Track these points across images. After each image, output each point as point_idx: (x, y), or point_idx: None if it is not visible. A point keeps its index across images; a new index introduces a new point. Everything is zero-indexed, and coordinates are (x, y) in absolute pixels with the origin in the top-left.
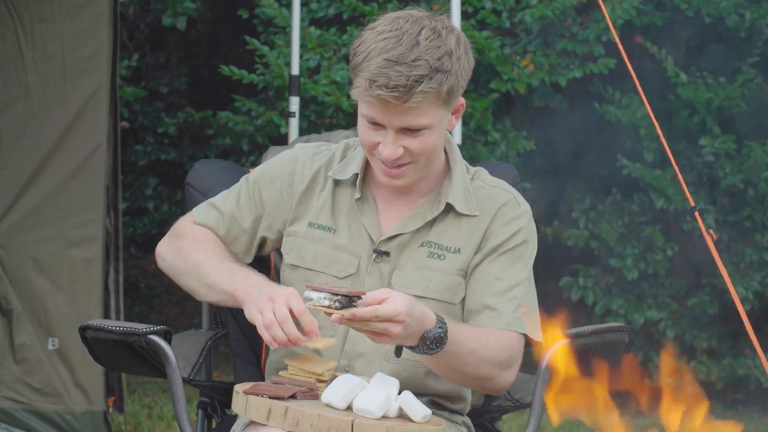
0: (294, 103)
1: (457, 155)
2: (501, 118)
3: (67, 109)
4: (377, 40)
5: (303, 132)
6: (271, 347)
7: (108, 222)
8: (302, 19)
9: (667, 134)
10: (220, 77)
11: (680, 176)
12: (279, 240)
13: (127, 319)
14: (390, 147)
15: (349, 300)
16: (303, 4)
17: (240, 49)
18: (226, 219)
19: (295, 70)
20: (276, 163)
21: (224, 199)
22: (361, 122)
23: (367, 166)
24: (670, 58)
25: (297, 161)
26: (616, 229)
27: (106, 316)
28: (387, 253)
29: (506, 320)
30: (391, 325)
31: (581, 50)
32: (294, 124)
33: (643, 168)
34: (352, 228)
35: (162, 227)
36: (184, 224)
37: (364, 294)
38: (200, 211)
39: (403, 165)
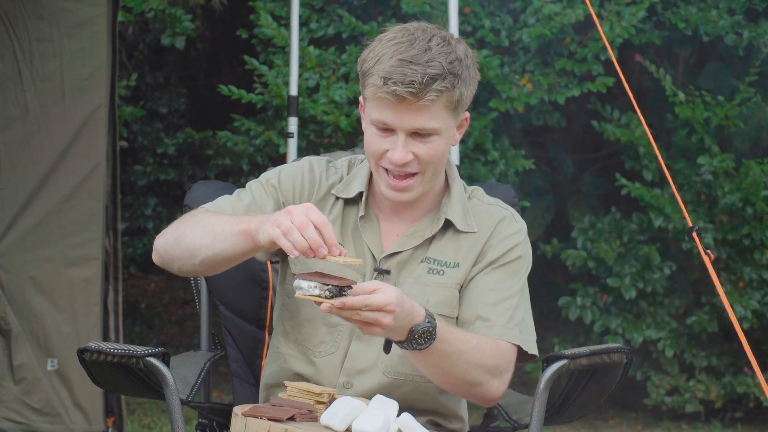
0: (293, 124)
1: (455, 174)
2: (500, 137)
3: (66, 128)
4: (389, 45)
5: (301, 152)
6: (292, 256)
7: (107, 242)
8: (301, 39)
9: (665, 153)
10: (219, 97)
11: (678, 196)
12: None
13: (127, 339)
14: (400, 150)
15: (340, 290)
16: (302, 24)
17: (239, 69)
18: (244, 206)
19: (294, 90)
20: (292, 167)
21: (237, 197)
22: (370, 131)
23: (370, 184)
24: (669, 77)
25: (314, 169)
26: (615, 248)
27: (106, 336)
28: (387, 272)
29: (498, 330)
30: (382, 315)
31: (579, 69)
32: (293, 144)
33: (642, 187)
34: (357, 245)
35: None
36: (191, 213)
37: (355, 283)
38: (211, 205)
39: (410, 176)
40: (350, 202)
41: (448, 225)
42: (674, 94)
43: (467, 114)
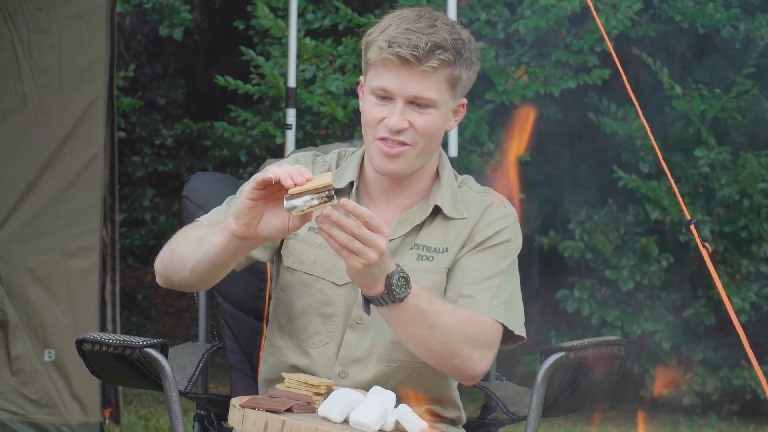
0: (291, 115)
1: (445, 162)
2: (496, 129)
3: (64, 119)
4: (395, 18)
5: (299, 142)
6: (269, 178)
7: (105, 233)
8: (298, 30)
9: (662, 146)
10: (216, 87)
11: (675, 189)
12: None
13: (124, 329)
14: (396, 116)
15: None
16: (298, 15)
17: (236, 60)
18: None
19: (292, 82)
20: (274, 164)
21: (227, 204)
22: (368, 100)
23: (360, 173)
24: (666, 70)
25: (300, 163)
26: (612, 240)
27: (103, 327)
28: None
29: (481, 307)
30: (370, 250)
31: (575, 61)
32: (291, 135)
33: (639, 179)
34: None
35: (159, 238)
36: (183, 229)
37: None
38: (206, 218)
39: (402, 145)
40: (340, 193)
41: (437, 211)
42: (671, 87)
43: (465, 101)
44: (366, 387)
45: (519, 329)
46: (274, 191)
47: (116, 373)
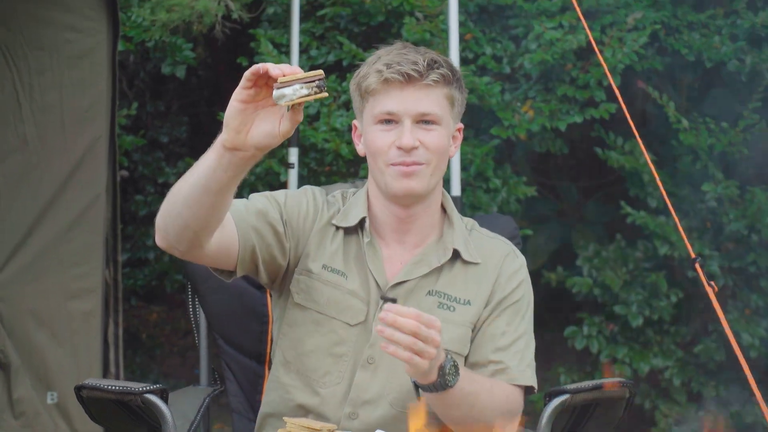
0: (293, 154)
1: (452, 204)
2: (501, 165)
3: (66, 159)
4: (381, 51)
5: (302, 180)
6: (263, 71)
7: (107, 274)
8: (302, 67)
9: (670, 180)
10: (220, 125)
11: (680, 227)
12: (292, 263)
13: (128, 371)
14: (408, 135)
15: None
16: (302, 52)
17: None
18: (256, 208)
19: None
20: (296, 192)
21: (249, 199)
22: (373, 132)
23: (368, 211)
24: (672, 104)
25: (317, 198)
26: (621, 276)
27: (106, 369)
28: (394, 300)
29: (511, 375)
30: (429, 347)
31: (582, 95)
32: (293, 174)
33: (647, 215)
34: (360, 274)
35: (162, 278)
36: None
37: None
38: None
39: (417, 164)
40: (350, 231)
41: (455, 255)
42: (678, 121)
43: (461, 125)
44: (374, 428)
45: (534, 383)
46: (265, 96)
47: (116, 419)
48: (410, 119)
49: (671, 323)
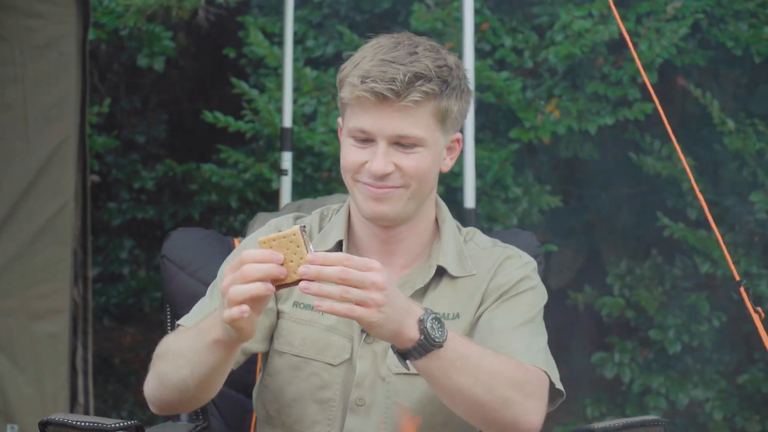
0: (287, 160)
1: (446, 214)
2: (522, 171)
3: (29, 163)
4: (370, 49)
5: (298, 187)
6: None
7: (76, 292)
8: (296, 59)
9: (712, 189)
10: (204, 124)
11: (722, 244)
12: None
13: (99, 400)
14: (379, 159)
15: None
16: (297, 42)
17: (226, 92)
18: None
19: (288, 121)
20: (253, 241)
21: (210, 295)
22: (347, 144)
23: (348, 230)
24: (716, 103)
25: (281, 230)
26: (656, 296)
27: (74, 398)
28: None
29: (519, 354)
30: (370, 292)
31: (614, 94)
32: (287, 182)
33: (687, 228)
34: None
35: (139, 296)
36: (164, 343)
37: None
38: (188, 318)
39: (390, 187)
40: None
41: (441, 272)
42: (722, 122)
43: (459, 135)
44: None
45: (558, 383)
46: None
47: None
48: (385, 141)
49: (713, 350)
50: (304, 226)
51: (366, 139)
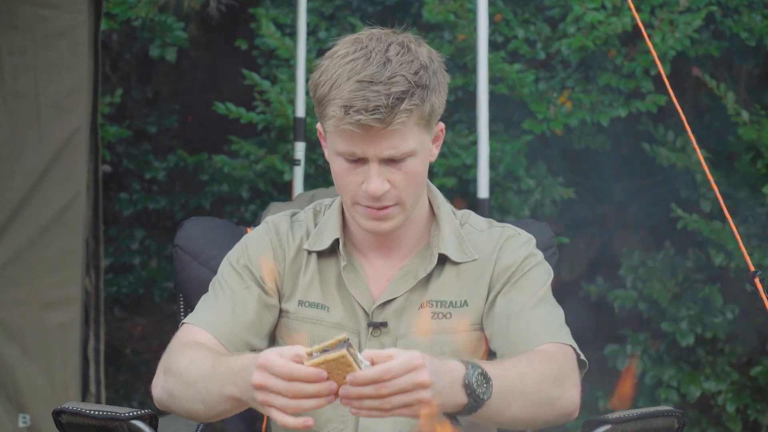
0: (299, 150)
1: (440, 200)
2: (535, 163)
3: (41, 153)
4: (342, 64)
5: (309, 179)
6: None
7: (87, 281)
8: (308, 50)
9: (726, 181)
10: (215, 114)
11: (737, 235)
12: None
13: (110, 390)
14: (375, 180)
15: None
16: (309, 33)
17: (239, 83)
18: (227, 313)
19: (301, 111)
20: (257, 236)
21: (215, 293)
22: (337, 163)
23: (344, 228)
24: (731, 94)
25: (280, 230)
26: (669, 288)
27: (85, 388)
28: (384, 324)
29: (540, 338)
30: (417, 392)
31: (626, 86)
32: (299, 172)
33: (700, 220)
34: (344, 301)
35: (150, 286)
36: (176, 354)
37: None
38: (193, 317)
39: (388, 207)
40: (325, 254)
41: (443, 259)
42: (737, 114)
43: (442, 125)
44: None
45: (582, 354)
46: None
47: None
48: (377, 161)
49: (726, 342)
50: (348, 340)
51: (357, 160)
